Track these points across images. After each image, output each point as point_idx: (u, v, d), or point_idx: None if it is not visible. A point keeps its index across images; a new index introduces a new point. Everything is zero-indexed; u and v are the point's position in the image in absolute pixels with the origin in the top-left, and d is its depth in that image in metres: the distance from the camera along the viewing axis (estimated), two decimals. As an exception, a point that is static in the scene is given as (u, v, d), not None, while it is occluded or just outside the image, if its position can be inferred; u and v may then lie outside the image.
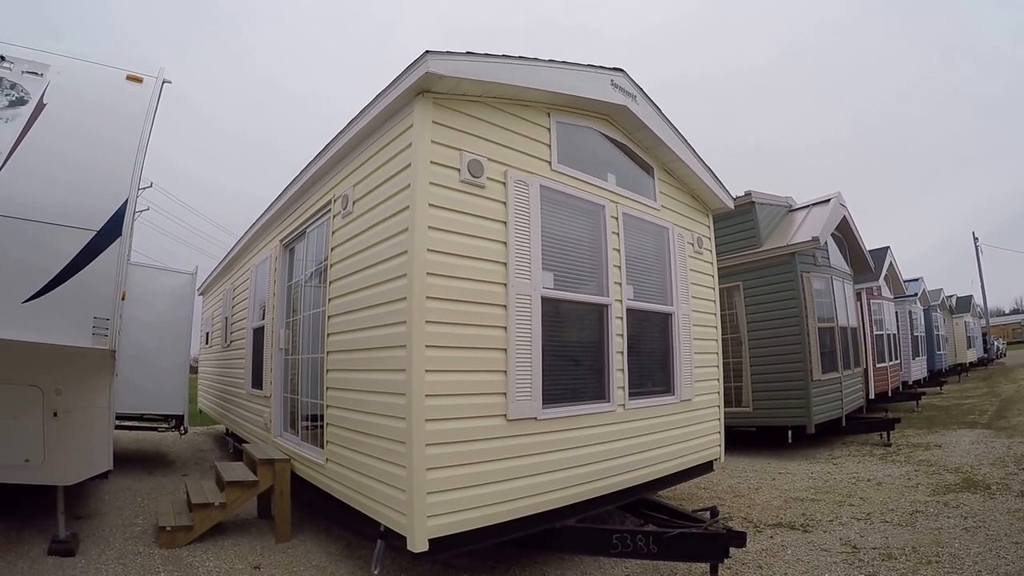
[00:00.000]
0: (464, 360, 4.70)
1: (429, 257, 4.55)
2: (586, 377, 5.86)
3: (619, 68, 6.16)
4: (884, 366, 17.46)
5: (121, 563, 5.48)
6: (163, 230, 69.94)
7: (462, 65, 4.70)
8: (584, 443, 5.53)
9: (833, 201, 12.60)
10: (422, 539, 4.29)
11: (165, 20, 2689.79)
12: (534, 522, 5.07)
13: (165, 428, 11.18)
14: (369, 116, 5.24)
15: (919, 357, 23.40)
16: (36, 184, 4.89)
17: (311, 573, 5.41)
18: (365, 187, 5.51)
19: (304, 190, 7.19)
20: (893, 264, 19.69)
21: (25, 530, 6.18)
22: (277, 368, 7.88)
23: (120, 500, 7.79)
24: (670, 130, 6.81)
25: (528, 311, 5.13)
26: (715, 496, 8.09)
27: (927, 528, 6.27)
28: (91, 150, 5.29)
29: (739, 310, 12.01)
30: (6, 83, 5.30)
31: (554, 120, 5.79)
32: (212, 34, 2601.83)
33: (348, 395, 5.56)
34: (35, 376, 5.22)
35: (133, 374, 9.36)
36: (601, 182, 6.17)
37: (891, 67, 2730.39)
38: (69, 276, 4.80)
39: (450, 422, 4.54)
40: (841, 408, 12.31)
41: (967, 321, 35.03)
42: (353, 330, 5.53)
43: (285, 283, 8.06)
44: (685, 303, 7.07)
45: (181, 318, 10.89)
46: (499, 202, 5.12)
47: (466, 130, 5.00)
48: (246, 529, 6.67)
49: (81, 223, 4.93)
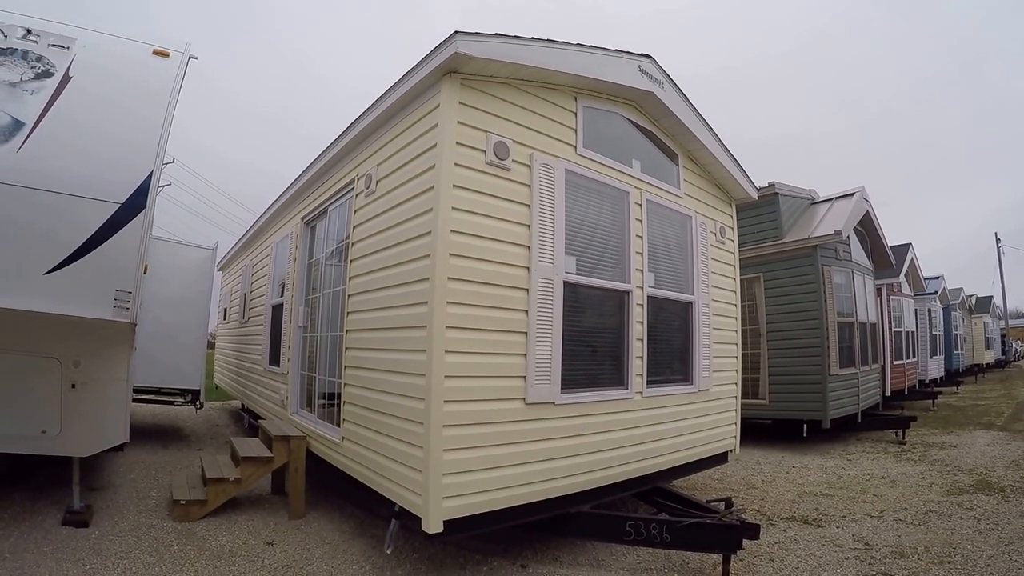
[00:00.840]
0: (484, 342, 4.69)
1: (452, 238, 4.53)
2: (605, 363, 5.83)
3: (647, 54, 6.09)
4: (901, 363, 17.34)
5: (134, 535, 5.53)
6: (184, 205, 70.16)
7: (491, 46, 4.65)
8: (601, 429, 5.51)
9: (857, 195, 12.46)
10: (437, 520, 4.29)
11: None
12: (549, 507, 5.07)
13: (181, 402, 11.26)
14: (396, 95, 5.21)
15: (936, 356, 23.21)
16: (61, 156, 4.89)
17: (324, 550, 5.43)
18: (389, 166, 5.48)
19: (327, 168, 7.17)
20: (914, 261, 19.50)
21: (40, 500, 6.25)
22: (295, 346, 7.90)
23: (135, 473, 7.85)
24: (696, 118, 6.74)
25: (550, 295, 5.11)
26: (728, 487, 8.06)
27: (940, 528, 6.21)
28: (116, 123, 5.29)
29: (759, 302, 11.92)
30: (32, 55, 5.29)
31: (580, 104, 5.73)
32: (232, 10, 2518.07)
33: (367, 374, 5.56)
34: (54, 347, 5.25)
35: (151, 348, 9.42)
36: (626, 168, 6.12)
37: (913, 65, 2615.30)
38: (92, 248, 4.81)
39: (468, 404, 4.54)
40: (857, 404, 12.23)
41: (986, 322, 34.67)
42: (373, 309, 5.52)
43: (306, 261, 8.06)
44: (706, 292, 7.02)
45: (200, 293, 10.94)
46: (524, 185, 5.08)
47: (493, 112, 4.96)
48: (260, 505, 6.71)
49: (105, 195, 4.93)
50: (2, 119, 4.83)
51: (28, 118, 4.90)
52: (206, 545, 5.40)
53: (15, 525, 5.52)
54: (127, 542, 5.35)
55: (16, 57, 5.21)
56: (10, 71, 5.10)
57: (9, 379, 5.24)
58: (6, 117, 4.85)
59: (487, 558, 5.34)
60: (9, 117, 4.86)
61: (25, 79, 5.12)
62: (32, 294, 4.58)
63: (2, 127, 4.80)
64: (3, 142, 4.74)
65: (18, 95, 5.01)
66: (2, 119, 4.83)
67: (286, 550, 5.40)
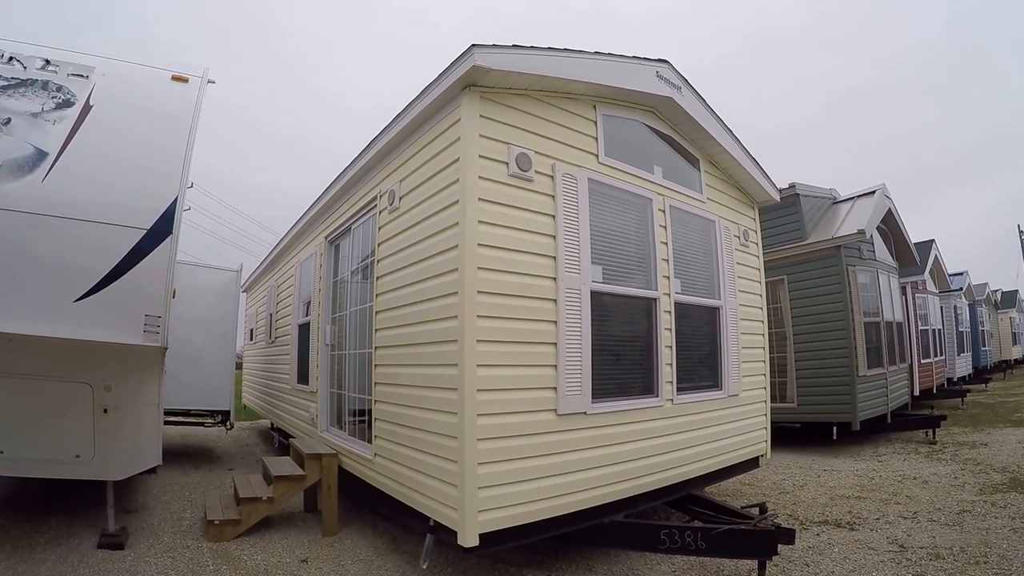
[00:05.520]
0: (515, 354, 4.69)
1: (479, 251, 4.54)
2: (634, 371, 5.81)
3: (664, 59, 6.09)
4: (929, 362, 17.13)
5: (170, 556, 5.57)
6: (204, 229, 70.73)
7: (508, 58, 4.67)
8: (632, 438, 5.49)
9: (878, 193, 12.34)
10: (473, 534, 4.29)
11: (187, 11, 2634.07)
12: (582, 517, 5.05)
13: (211, 423, 11.32)
14: (415, 111, 5.24)
15: (964, 353, 22.90)
16: (85, 185, 4.96)
17: (358, 567, 5.43)
18: (412, 182, 5.51)
19: (348, 187, 7.21)
20: (938, 257, 19.27)
21: (75, 524, 6.30)
22: (323, 364, 7.93)
23: (168, 494, 7.90)
24: (716, 121, 6.72)
25: (577, 305, 5.10)
26: (760, 492, 7.99)
27: (975, 528, 6.12)
28: (138, 150, 5.36)
29: (783, 304, 11.83)
30: (52, 86, 5.37)
31: (600, 113, 5.73)
32: (238, 26, 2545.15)
33: (397, 390, 5.57)
34: (85, 373, 5.30)
35: (180, 370, 9.47)
36: (648, 175, 6.11)
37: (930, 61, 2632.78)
38: (120, 275, 4.87)
39: (501, 416, 4.54)
40: (886, 404, 12.08)
41: (1012, 316, 34.15)
42: (402, 325, 5.53)
43: (330, 279, 8.10)
44: (732, 297, 6.98)
45: (226, 315, 11.03)
46: (547, 196, 5.09)
47: (513, 124, 4.97)
48: (293, 523, 6.73)
49: (131, 222, 4.99)
50: (26, 150, 4.90)
51: (51, 148, 4.98)
52: (241, 564, 5.42)
53: (52, 549, 5.57)
54: (163, 563, 5.38)
55: (37, 88, 5.30)
56: (31, 102, 5.19)
57: (43, 405, 5.31)
58: (29, 148, 4.92)
59: (521, 570, 5.31)
60: (32, 147, 4.93)
61: (46, 109, 5.20)
62: (63, 321, 4.64)
63: (26, 158, 4.87)
64: (28, 172, 4.81)
65: (40, 125, 5.08)
66: (26, 150, 4.90)
67: (321, 567, 5.40)
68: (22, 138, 4.95)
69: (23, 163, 4.84)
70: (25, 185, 4.76)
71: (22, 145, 4.91)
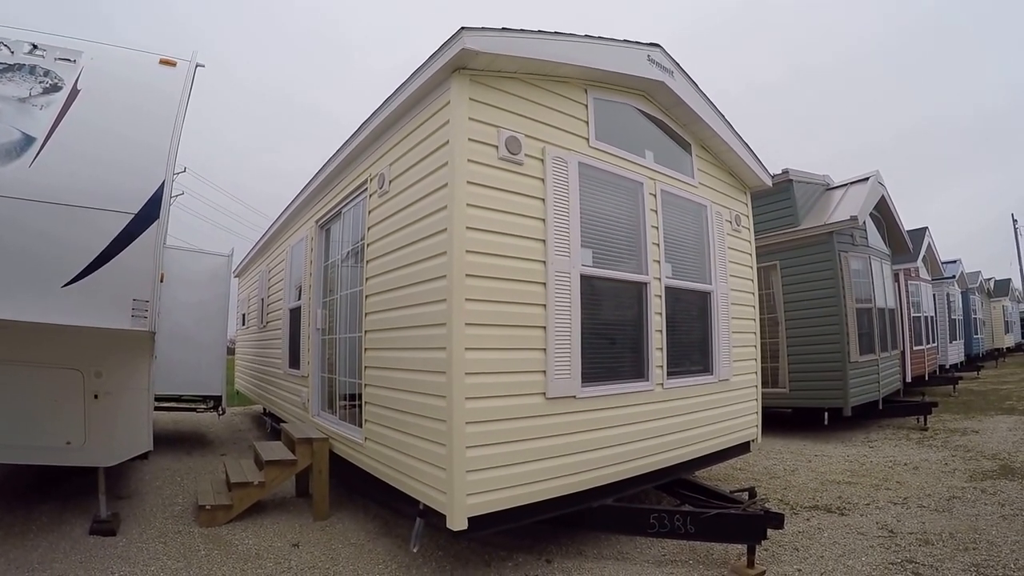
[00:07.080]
0: (504, 338, 4.67)
1: (468, 235, 4.52)
2: (625, 355, 5.81)
3: (656, 43, 6.06)
4: (921, 349, 17.21)
5: (162, 542, 5.57)
6: (196, 213, 70.59)
7: (498, 41, 4.63)
8: (622, 422, 5.49)
9: (872, 180, 12.34)
10: (461, 517, 4.29)
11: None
12: (572, 501, 5.06)
13: (203, 409, 11.30)
14: (405, 95, 5.21)
15: (956, 341, 23.02)
16: (72, 169, 4.89)
17: (349, 551, 5.45)
18: (402, 166, 5.48)
19: (339, 171, 7.19)
20: (931, 245, 19.31)
21: (67, 510, 6.30)
22: (314, 348, 7.92)
23: (160, 480, 7.91)
24: (707, 106, 6.70)
25: (567, 289, 5.09)
26: (751, 477, 8.03)
27: (964, 514, 6.16)
28: (126, 135, 5.29)
29: (776, 290, 11.85)
30: (39, 70, 5.31)
31: (591, 96, 5.70)
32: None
33: (387, 374, 5.56)
34: (75, 359, 5.28)
35: (171, 356, 9.48)
36: (639, 159, 6.08)
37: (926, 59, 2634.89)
38: (107, 259, 4.81)
39: (490, 400, 4.53)
40: (878, 391, 12.14)
41: (1005, 305, 34.30)
42: (392, 309, 5.52)
43: (321, 263, 8.09)
44: (723, 281, 6.98)
45: (218, 300, 10.98)
46: (537, 179, 5.06)
47: (503, 107, 4.94)
48: (284, 507, 6.74)
49: (118, 206, 4.93)
50: (13, 135, 4.84)
51: (39, 133, 4.92)
52: (233, 549, 5.43)
53: (43, 536, 5.56)
54: (155, 549, 5.38)
55: (24, 72, 5.23)
56: (18, 87, 5.12)
57: (33, 391, 5.29)
58: (17, 133, 4.86)
59: (512, 554, 5.33)
60: (20, 132, 4.87)
61: (34, 94, 5.14)
62: (50, 307, 4.60)
63: (14, 143, 4.81)
64: (15, 157, 4.75)
65: (27, 110, 5.02)
66: (13, 135, 4.84)
67: (312, 551, 5.42)
68: (9, 123, 4.88)
69: (10, 148, 4.78)
70: (12, 170, 4.69)
71: (9, 130, 4.85)
